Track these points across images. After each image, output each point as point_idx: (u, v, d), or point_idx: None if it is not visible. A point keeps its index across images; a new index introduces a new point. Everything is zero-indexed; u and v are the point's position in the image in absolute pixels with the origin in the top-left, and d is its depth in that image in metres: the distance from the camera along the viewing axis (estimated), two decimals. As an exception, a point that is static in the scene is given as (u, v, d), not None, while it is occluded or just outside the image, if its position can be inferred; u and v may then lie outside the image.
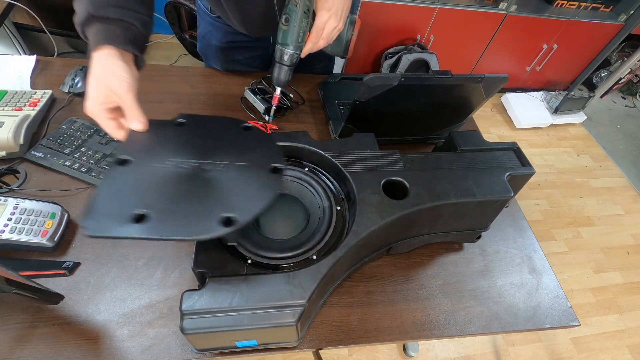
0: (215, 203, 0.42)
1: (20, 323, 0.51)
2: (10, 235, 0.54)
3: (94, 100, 0.48)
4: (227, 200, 0.43)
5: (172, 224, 0.40)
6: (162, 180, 0.44)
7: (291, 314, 0.45)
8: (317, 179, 0.59)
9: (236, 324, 0.44)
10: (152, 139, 0.49)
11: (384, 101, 0.66)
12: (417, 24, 1.86)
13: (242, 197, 0.43)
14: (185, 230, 0.40)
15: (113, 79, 0.48)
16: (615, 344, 1.49)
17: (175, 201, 0.42)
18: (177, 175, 0.44)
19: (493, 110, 2.37)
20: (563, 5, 2.00)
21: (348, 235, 0.51)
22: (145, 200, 0.41)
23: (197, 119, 0.53)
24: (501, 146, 0.66)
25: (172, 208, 0.41)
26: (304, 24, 0.62)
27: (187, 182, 0.44)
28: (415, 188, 0.57)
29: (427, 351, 1.36)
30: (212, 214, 0.41)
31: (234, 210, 0.41)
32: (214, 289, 0.45)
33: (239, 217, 0.41)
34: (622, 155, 2.30)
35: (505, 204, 0.63)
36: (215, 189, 0.44)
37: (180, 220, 0.40)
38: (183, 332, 0.43)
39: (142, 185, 0.43)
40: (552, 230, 1.82)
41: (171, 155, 0.46)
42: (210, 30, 0.87)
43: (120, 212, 0.40)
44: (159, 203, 0.41)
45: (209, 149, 0.48)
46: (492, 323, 0.62)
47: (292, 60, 0.66)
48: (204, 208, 0.42)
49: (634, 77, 2.61)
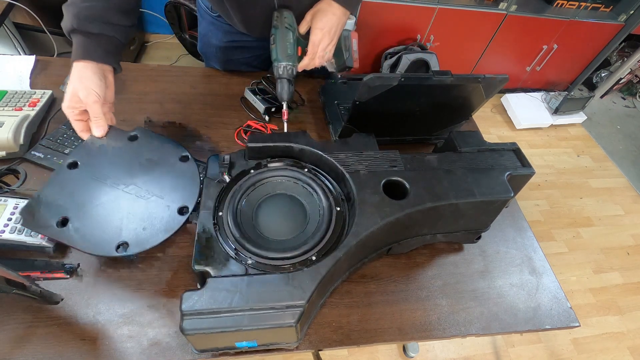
0: (120, 226, 0.49)
1: (20, 323, 0.51)
2: (10, 236, 0.54)
3: (66, 103, 0.57)
4: (130, 227, 0.49)
5: (83, 236, 0.47)
6: (91, 192, 0.50)
7: (291, 315, 0.45)
8: (316, 179, 0.59)
9: (236, 324, 0.44)
10: (103, 148, 0.55)
11: (384, 101, 0.66)
12: (417, 24, 1.86)
13: (142, 229, 0.49)
14: (89, 245, 0.47)
15: (83, 90, 0.56)
16: (615, 344, 1.49)
17: (94, 215, 0.49)
18: (105, 190, 0.51)
19: (493, 110, 2.37)
20: (563, 5, 2.00)
21: (348, 236, 0.51)
22: (72, 207, 0.48)
23: (149, 135, 0.59)
24: (501, 147, 0.67)
25: (89, 221, 0.48)
26: (289, 37, 0.67)
27: (109, 199, 0.50)
28: (415, 188, 0.57)
29: (427, 352, 1.35)
30: (113, 237, 0.48)
31: (130, 240, 0.48)
32: (214, 289, 0.45)
33: (132, 247, 0.48)
34: (622, 155, 2.30)
35: (505, 204, 0.63)
36: (127, 213, 0.50)
37: (89, 234, 0.48)
38: (183, 333, 0.43)
39: (77, 191, 0.50)
40: (552, 230, 1.82)
41: (109, 169, 0.53)
42: (211, 30, 0.87)
43: (51, 213, 0.48)
44: (81, 213, 0.48)
45: (141, 171, 0.54)
46: (492, 324, 0.61)
47: (288, 73, 0.68)
48: (111, 229, 0.48)
49: (634, 77, 2.61)
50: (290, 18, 0.67)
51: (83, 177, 0.50)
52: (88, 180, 0.50)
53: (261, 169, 0.59)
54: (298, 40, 0.68)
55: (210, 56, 0.93)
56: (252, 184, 0.58)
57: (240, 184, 0.57)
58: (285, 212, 0.58)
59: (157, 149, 0.58)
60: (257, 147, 0.60)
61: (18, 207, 0.56)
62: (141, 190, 0.51)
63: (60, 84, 0.81)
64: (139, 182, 0.52)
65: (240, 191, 0.56)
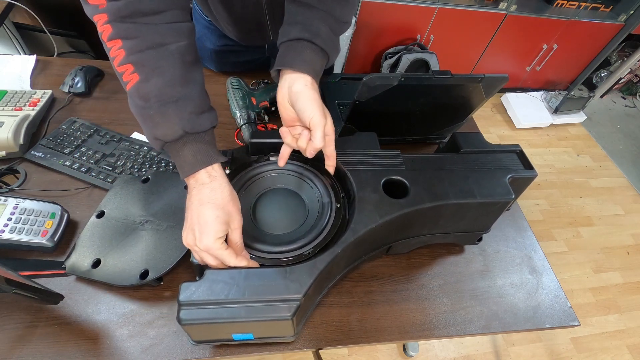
0: (139, 257, 0.55)
1: (20, 323, 0.51)
2: (10, 235, 0.54)
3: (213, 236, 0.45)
4: (150, 256, 0.55)
5: (111, 271, 0.54)
6: (114, 233, 0.57)
7: (287, 308, 0.45)
8: (318, 174, 0.59)
9: (232, 316, 0.44)
10: (122, 194, 0.61)
11: (383, 101, 0.66)
12: (417, 24, 1.86)
13: (158, 255, 0.55)
14: (117, 277, 0.54)
15: (236, 212, 0.47)
16: (615, 343, 1.49)
17: (118, 251, 0.56)
18: (125, 229, 0.58)
19: (493, 110, 2.37)
20: (563, 5, 2.00)
21: (346, 232, 0.52)
22: (102, 249, 0.56)
23: (158, 175, 0.65)
24: (504, 148, 0.66)
25: (114, 258, 0.55)
26: (236, 94, 0.79)
27: (129, 236, 0.57)
28: (415, 188, 0.57)
29: (427, 351, 1.36)
30: (136, 267, 0.54)
31: (150, 266, 0.54)
32: (211, 281, 0.46)
33: (152, 272, 0.54)
34: (622, 155, 2.30)
35: (506, 207, 0.63)
36: (144, 244, 0.56)
37: (116, 268, 0.54)
38: (180, 323, 0.44)
39: (104, 235, 0.57)
40: (552, 230, 1.82)
41: (128, 211, 0.59)
42: (205, 33, 0.86)
43: (86, 257, 0.55)
44: (109, 252, 0.55)
45: (153, 207, 0.60)
46: (492, 323, 0.62)
47: (245, 119, 0.76)
48: (132, 260, 0.55)
49: (634, 77, 2.61)
50: (237, 81, 0.81)
51: (108, 223, 0.58)
52: (112, 223, 0.58)
53: (262, 162, 0.59)
54: (248, 93, 0.81)
55: (205, 59, 0.93)
56: (252, 177, 0.58)
57: (240, 176, 0.57)
58: (285, 206, 0.58)
59: (165, 183, 0.63)
60: (260, 143, 0.60)
61: (18, 207, 0.56)
62: (155, 223, 0.59)
63: (60, 84, 0.82)
64: (153, 217, 0.59)
65: (239, 183, 0.57)
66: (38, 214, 0.57)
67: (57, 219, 0.58)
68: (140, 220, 0.58)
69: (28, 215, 0.56)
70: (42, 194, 0.64)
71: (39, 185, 0.65)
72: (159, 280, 0.56)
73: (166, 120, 0.45)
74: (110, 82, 0.86)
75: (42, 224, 0.56)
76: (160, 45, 0.44)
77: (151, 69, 0.44)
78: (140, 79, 0.44)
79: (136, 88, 0.44)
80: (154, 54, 0.44)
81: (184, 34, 0.46)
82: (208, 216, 0.45)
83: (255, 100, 0.80)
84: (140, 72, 0.44)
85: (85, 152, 0.69)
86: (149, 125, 0.46)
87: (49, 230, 0.56)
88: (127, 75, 0.44)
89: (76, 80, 0.80)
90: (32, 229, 0.56)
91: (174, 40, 0.45)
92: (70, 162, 0.67)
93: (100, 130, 0.73)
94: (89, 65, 0.84)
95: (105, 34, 0.44)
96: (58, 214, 0.58)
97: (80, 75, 0.81)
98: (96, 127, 0.74)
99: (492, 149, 0.66)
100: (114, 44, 0.43)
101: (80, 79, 0.80)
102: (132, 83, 0.44)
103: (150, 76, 0.44)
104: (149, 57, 0.44)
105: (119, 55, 0.44)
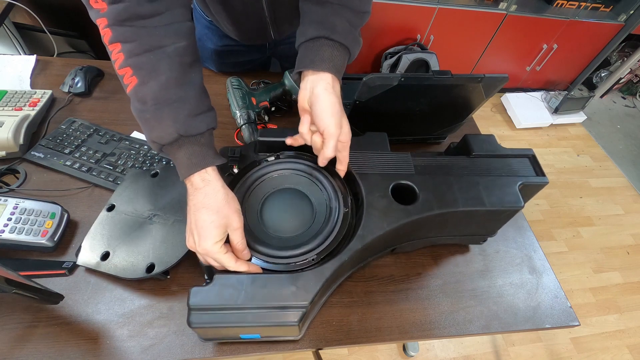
0: (146, 250, 0.55)
1: (20, 323, 0.51)
2: (10, 235, 0.54)
3: (212, 240, 0.45)
4: (157, 250, 0.56)
5: (119, 264, 0.55)
6: (123, 227, 0.57)
7: (293, 315, 0.46)
8: (327, 176, 0.58)
9: (240, 321, 0.45)
10: (132, 188, 0.62)
11: (384, 101, 0.66)
12: (417, 24, 1.86)
13: (164, 249, 0.55)
14: (123, 270, 0.54)
15: (235, 215, 0.47)
16: (615, 343, 1.49)
17: (126, 245, 0.56)
18: (133, 223, 0.58)
19: (493, 110, 2.37)
20: (563, 5, 2.00)
21: (354, 239, 0.51)
22: (110, 242, 0.56)
23: (167, 169, 0.64)
24: (516, 153, 0.64)
25: (123, 251, 0.55)
26: (236, 94, 0.78)
27: (137, 229, 0.57)
28: (424, 194, 0.56)
29: (427, 351, 1.36)
30: (143, 261, 0.54)
31: (156, 260, 0.54)
32: (220, 286, 0.46)
33: (158, 266, 0.54)
34: (622, 155, 2.30)
35: (515, 214, 0.62)
36: (151, 238, 0.57)
37: (123, 261, 0.55)
38: (190, 326, 0.44)
39: (114, 229, 0.57)
40: (552, 230, 1.82)
41: (137, 205, 0.60)
42: (206, 33, 0.86)
43: (96, 250, 0.55)
44: (117, 245, 0.56)
45: (161, 201, 0.60)
46: (492, 323, 0.62)
47: (245, 119, 0.76)
48: (140, 253, 0.55)
49: (634, 77, 2.61)
50: (237, 81, 0.80)
51: (118, 216, 0.59)
52: (122, 217, 0.59)
53: (271, 161, 0.59)
54: (248, 93, 0.80)
55: (205, 59, 0.93)
56: (261, 176, 0.58)
57: (249, 174, 0.58)
58: (292, 207, 0.58)
59: (173, 178, 0.62)
60: (268, 142, 0.60)
61: (18, 207, 0.56)
62: (162, 217, 0.59)
63: (60, 84, 0.82)
64: (161, 211, 0.59)
65: (248, 182, 0.57)
66: (38, 214, 0.57)
67: (57, 219, 0.58)
68: (148, 215, 0.59)
69: (28, 215, 0.56)
70: (42, 194, 0.64)
71: (39, 185, 0.65)
72: (165, 274, 0.56)
73: (161, 123, 0.45)
74: (110, 82, 0.86)
75: (42, 224, 0.56)
76: (158, 48, 0.44)
77: (148, 72, 0.44)
78: (139, 81, 0.44)
79: (135, 91, 0.45)
80: (152, 57, 0.44)
81: (183, 35, 0.47)
82: (204, 221, 0.46)
83: (255, 100, 0.80)
84: (138, 75, 0.44)
85: (85, 152, 0.69)
86: (147, 128, 0.46)
87: (49, 230, 0.56)
88: (127, 78, 0.44)
89: (76, 80, 0.80)
90: (32, 229, 0.56)
91: (173, 41, 0.45)
92: (70, 162, 0.67)
93: (100, 130, 0.73)
94: (89, 65, 0.84)
95: (106, 38, 0.44)
96: (58, 214, 0.58)
97: (80, 75, 0.81)
98: (96, 126, 0.74)
99: (504, 153, 0.64)
100: (114, 47, 0.44)
101: (80, 79, 0.80)
102: (131, 86, 0.45)
103: (147, 79, 0.44)
104: (147, 60, 0.44)
105: (119, 59, 0.44)
